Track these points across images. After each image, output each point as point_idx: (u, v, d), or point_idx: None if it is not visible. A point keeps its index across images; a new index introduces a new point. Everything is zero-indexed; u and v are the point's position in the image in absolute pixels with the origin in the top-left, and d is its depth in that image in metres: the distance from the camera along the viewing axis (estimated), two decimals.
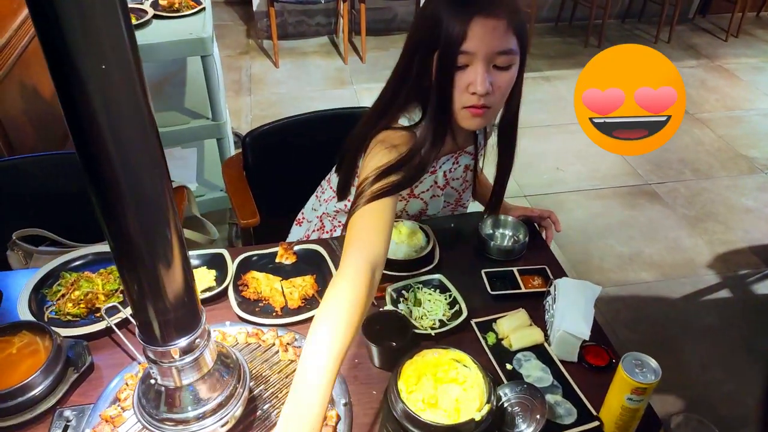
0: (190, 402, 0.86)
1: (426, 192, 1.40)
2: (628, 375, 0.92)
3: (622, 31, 5.41)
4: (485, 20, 1.04)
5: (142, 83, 0.63)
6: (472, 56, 1.07)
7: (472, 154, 1.41)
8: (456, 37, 1.04)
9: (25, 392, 0.98)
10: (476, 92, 1.09)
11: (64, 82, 0.58)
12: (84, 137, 0.62)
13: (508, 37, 1.06)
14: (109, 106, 0.60)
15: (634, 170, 3.41)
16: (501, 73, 1.10)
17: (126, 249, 0.73)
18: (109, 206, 0.68)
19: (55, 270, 1.27)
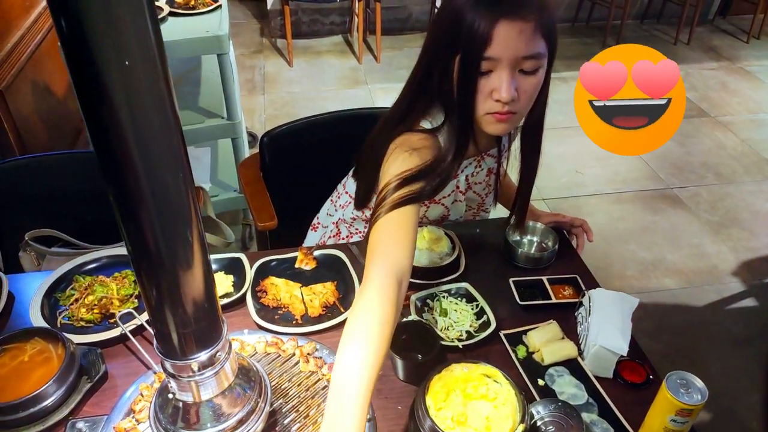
0: (209, 418, 0.81)
1: (447, 197, 1.34)
2: (672, 395, 0.87)
3: (641, 31, 5.33)
4: (512, 23, 0.96)
5: (167, 81, 0.58)
6: (497, 62, 0.99)
7: (495, 157, 1.33)
8: (479, 41, 0.96)
9: (37, 402, 0.95)
10: (501, 99, 1.02)
11: (85, 79, 0.53)
12: (104, 136, 0.58)
13: (535, 40, 0.98)
14: (132, 105, 0.56)
15: (656, 174, 3.33)
16: (527, 77, 1.02)
17: (145, 254, 0.68)
18: (128, 208, 0.64)
19: (68, 273, 1.23)
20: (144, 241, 0.66)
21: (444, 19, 1.04)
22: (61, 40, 0.52)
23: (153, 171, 0.62)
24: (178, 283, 0.71)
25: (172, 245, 0.68)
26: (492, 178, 1.39)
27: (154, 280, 0.71)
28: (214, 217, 1.72)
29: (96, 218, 1.59)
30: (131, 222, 0.65)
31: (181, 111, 2.04)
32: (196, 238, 0.70)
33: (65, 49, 0.52)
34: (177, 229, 0.68)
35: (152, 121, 0.59)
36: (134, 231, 0.66)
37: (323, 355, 1.09)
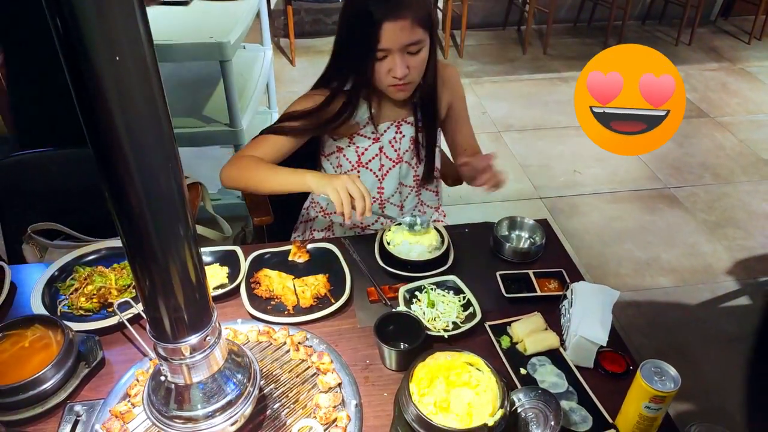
0: (200, 400, 0.85)
1: (373, 161, 1.52)
2: (646, 383, 0.90)
3: (642, 32, 5.35)
4: (393, 22, 1.26)
5: (157, 76, 0.62)
6: (388, 50, 1.30)
7: (413, 124, 1.52)
8: (372, 40, 1.28)
9: (36, 386, 0.98)
10: (396, 76, 1.32)
11: (78, 74, 0.57)
12: (97, 130, 0.62)
13: (414, 30, 1.28)
14: (123, 99, 0.60)
15: (654, 174, 3.36)
16: (414, 56, 1.33)
17: (138, 245, 0.72)
18: (121, 201, 0.67)
19: (68, 264, 1.27)
20: (136, 229, 0.70)
21: (346, 20, 1.36)
22: (55, 35, 0.55)
23: (144, 164, 0.65)
24: (169, 272, 0.75)
25: (162, 233, 0.72)
26: (420, 150, 1.56)
27: (147, 270, 0.74)
28: (212, 212, 1.76)
29: (96, 213, 1.62)
30: (123, 213, 0.69)
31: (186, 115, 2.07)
32: (186, 229, 0.74)
33: (60, 44, 0.56)
34: (168, 219, 0.72)
35: (143, 116, 0.63)
36: (126, 221, 0.70)
37: (313, 344, 1.13)
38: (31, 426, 0.97)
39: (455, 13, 4.67)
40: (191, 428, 0.85)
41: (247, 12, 2.48)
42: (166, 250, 0.73)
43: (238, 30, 2.27)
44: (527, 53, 4.89)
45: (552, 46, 4.94)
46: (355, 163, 1.53)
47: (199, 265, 0.78)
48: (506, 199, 3.11)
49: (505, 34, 5.33)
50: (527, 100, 4.18)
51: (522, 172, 3.36)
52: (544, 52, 4.90)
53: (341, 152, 1.53)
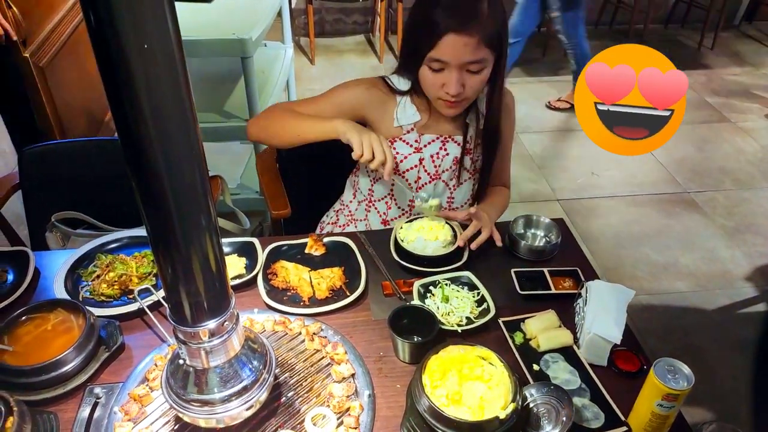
0: (217, 384, 0.87)
1: (411, 171, 1.46)
2: (659, 380, 0.90)
3: (665, 35, 5.30)
4: (458, 36, 1.19)
5: (183, 66, 0.64)
6: (446, 63, 1.24)
7: (460, 144, 1.46)
8: (429, 47, 1.22)
9: (58, 367, 1.01)
10: (449, 92, 1.27)
11: (108, 61, 0.59)
12: (126, 119, 0.64)
13: (479, 49, 1.21)
14: (151, 87, 0.62)
15: (672, 178, 3.33)
16: (473, 75, 1.26)
17: (162, 233, 0.74)
18: (147, 190, 0.70)
19: (91, 251, 1.30)
20: (161, 221, 0.73)
21: (412, 17, 1.30)
22: (87, 24, 0.57)
23: (169, 153, 0.68)
24: (190, 259, 0.77)
25: (185, 222, 0.74)
26: (463, 174, 1.50)
27: (170, 256, 0.77)
28: (231, 205, 1.79)
29: (119, 203, 1.66)
30: (149, 202, 0.71)
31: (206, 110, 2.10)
32: (208, 219, 0.76)
33: (91, 33, 0.58)
34: (191, 209, 0.74)
35: (169, 106, 0.65)
36: (152, 210, 0.72)
37: (328, 335, 1.14)
38: (52, 406, 1.00)
39: None
40: (208, 411, 0.86)
41: (269, 10, 2.51)
42: (189, 238, 0.75)
43: (260, 27, 2.30)
44: (547, 55, 4.87)
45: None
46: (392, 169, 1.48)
47: (219, 254, 0.80)
48: (523, 201, 3.11)
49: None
50: (546, 101, 4.16)
51: (539, 173, 3.35)
52: (564, 54, 4.86)
53: None
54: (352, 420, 0.98)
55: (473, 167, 1.51)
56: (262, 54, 3.07)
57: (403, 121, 1.42)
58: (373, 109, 1.42)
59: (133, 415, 0.97)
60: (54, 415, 0.97)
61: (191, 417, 0.87)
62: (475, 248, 1.32)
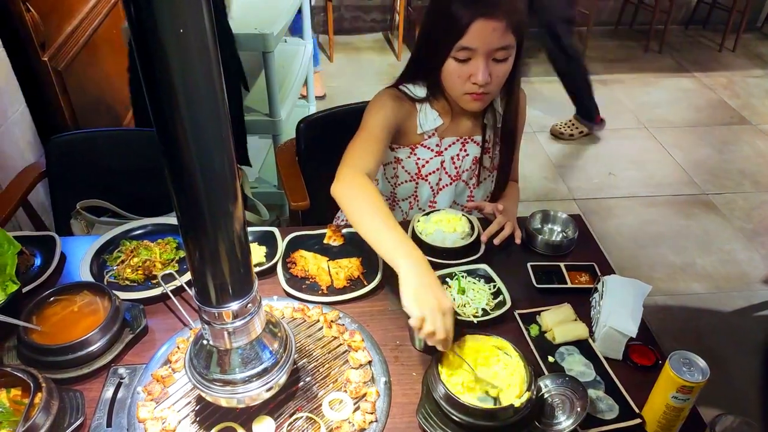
0: (238, 365, 0.89)
1: (433, 174, 1.47)
2: (675, 373, 0.90)
3: (685, 37, 5.25)
4: (487, 21, 1.18)
5: (216, 53, 0.66)
6: (474, 51, 1.22)
7: (479, 144, 1.47)
8: (457, 36, 1.20)
9: (84, 347, 1.04)
10: (477, 82, 1.25)
11: (145, 47, 0.61)
12: (160, 104, 0.66)
13: (506, 35, 1.20)
14: (185, 72, 0.64)
15: (691, 179, 3.30)
16: (499, 64, 1.25)
17: (192, 218, 0.77)
18: (179, 177, 0.72)
19: (116, 237, 1.33)
20: (191, 206, 0.75)
21: (432, 11, 1.28)
22: (126, 9, 0.60)
23: (201, 140, 0.70)
24: (217, 244, 0.79)
25: (215, 211, 0.76)
26: (482, 172, 1.52)
27: (198, 240, 0.79)
28: (251, 197, 1.81)
29: (142, 193, 1.71)
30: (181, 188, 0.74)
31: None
32: (236, 206, 0.78)
33: (129, 18, 0.60)
34: (220, 196, 0.76)
35: (202, 92, 0.67)
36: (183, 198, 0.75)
37: (345, 323, 1.16)
38: (78, 385, 1.03)
39: None
40: (229, 391, 0.89)
41: (290, 6, 2.54)
42: (217, 224, 0.78)
43: (281, 22, 2.33)
44: None
45: (592, 48, 4.89)
46: (415, 174, 1.49)
47: (244, 240, 0.82)
48: (539, 199, 3.11)
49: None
50: (564, 101, 4.13)
51: (556, 172, 3.34)
52: (583, 54, 4.85)
53: (399, 163, 1.48)
54: (369, 405, 0.99)
55: (491, 165, 1.52)
56: (282, 50, 3.09)
57: (426, 127, 1.42)
58: (403, 118, 1.40)
59: (155, 395, 1.00)
60: (80, 393, 1.00)
61: (213, 396, 0.90)
62: (498, 243, 1.33)
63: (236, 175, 0.77)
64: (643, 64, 4.70)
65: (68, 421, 0.95)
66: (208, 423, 0.96)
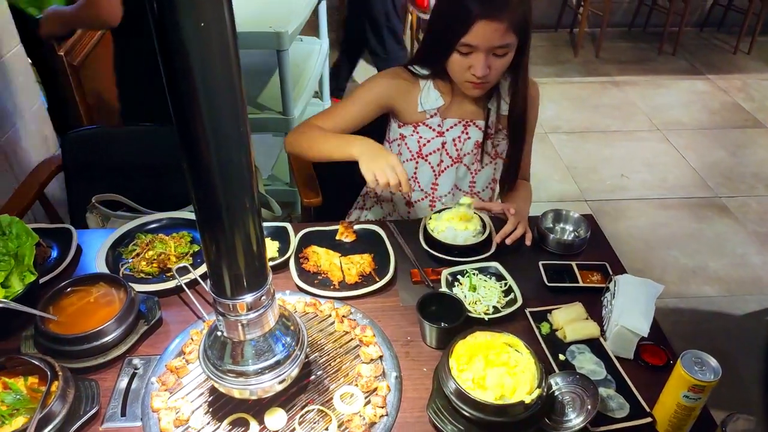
0: (252, 356, 0.90)
1: (433, 155, 1.52)
2: (686, 372, 0.90)
3: (700, 40, 5.22)
4: (488, 23, 1.25)
5: (235, 47, 0.67)
6: (475, 47, 1.30)
7: (482, 128, 1.51)
8: (460, 33, 1.28)
9: (99, 337, 1.05)
10: (476, 74, 1.33)
11: (166, 39, 0.62)
12: (180, 97, 0.67)
13: (507, 35, 1.28)
14: (205, 65, 0.65)
15: (704, 182, 3.28)
16: (498, 59, 1.32)
17: (210, 211, 0.78)
18: (198, 170, 0.74)
19: (131, 231, 1.35)
20: (209, 200, 0.77)
21: (440, 12, 1.36)
22: (147, 2, 0.61)
23: (219, 134, 0.71)
24: (234, 237, 0.80)
25: (232, 205, 0.78)
26: (484, 157, 1.56)
27: (214, 234, 0.80)
28: (264, 193, 1.83)
29: (156, 188, 1.72)
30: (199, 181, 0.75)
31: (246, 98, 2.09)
32: (251, 201, 0.79)
33: (150, 10, 0.61)
34: (237, 190, 0.77)
35: (221, 85, 0.68)
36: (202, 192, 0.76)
37: (357, 318, 1.17)
38: (93, 374, 1.05)
39: None
40: (242, 383, 0.90)
41: (305, 4, 2.55)
42: (234, 217, 0.79)
43: (296, 21, 2.34)
44: (579, 56, 4.84)
45: (605, 49, 4.87)
46: (416, 153, 1.54)
47: (259, 234, 0.83)
48: (550, 200, 3.10)
49: (557, 36, 5.28)
50: (577, 102, 4.13)
51: (567, 174, 3.33)
52: (596, 55, 4.84)
53: (403, 140, 1.54)
54: (380, 399, 1.00)
55: (494, 151, 1.55)
56: (298, 48, 3.12)
57: (427, 105, 1.47)
58: (398, 97, 1.48)
59: (169, 385, 1.01)
60: (95, 382, 1.02)
61: (226, 387, 0.91)
62: (510, 243, 1.34)
63: (253, 171, 0.78)
64: (656, 66, 4.68)
65: (84, 410, 0.97)
66: (221, 414, 0.97)
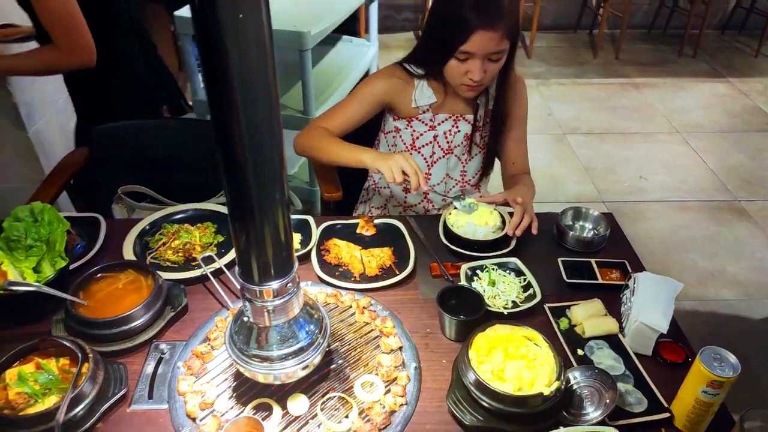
0: (276, 342, 0.92)
1: (426, 147, 1.60)
2: (705, 367, 0.91)
3: (721, 42, 5.17)
4: (486, 32, 1.32)
5: (270, 39, 0.69)
6: (472, 54, 1.36)
7: (470, 122, 1.58)
8: (459, 41, 1.34)
9: (128, 322, 1.08)
10: (473, 79, 1.39)
11: (205, 31, 0.65)
12: (218, 93, 0.70)
13: (502, 42, 1.35)
14: (242, 55, 0.67)
15: (724, 185, 3.26)
16: (493, 63, 1.40)
17: (241, 202, 0.80)
18: (232, 164, 0.76)
19: (158, 221, 1.38)
20: (241, 190, 0.79)
21: (437, 13, 1.42)
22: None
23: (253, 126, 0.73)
24: (263, 226, 0.82)
25: (263, 196, 0.80)
26: (473, 148, 1.63)
27: (245, 223, 0.82)
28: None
29: (178, 180, 1.76)
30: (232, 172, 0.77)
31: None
32: (281, 193, 0.81)
33: (191, 4, 0.63)
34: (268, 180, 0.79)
35: (256, 77, 0.70)
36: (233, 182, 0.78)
37: (377, 309, 1.19)
38: (121, 358, 1.07)
39: (526, 14, 4.65)
40: (266, 367, 0.92)
41: (342, 6, 2.54)
42: (264, 208, 0.81)
43: (325, 22, 2.34)
44: (598, 57, 4.82)
45: (625, 51, 4.85)
46: (409, 145, 1.61)
47: (287, 224, 0.85)
48: (568, 201, 3.09)
49: (577, 37, 5.27)
50: (595, 103, 4.12)
51: (585, 175, 3.33)
52: (616, 56, 4.82)
53: (398, 132, 1.61)
54: (399, 389, 1.02)
55: (482, 142, 1.63)
56: (345, 49, 3.16)
57: (421, 102, 1.54)
58: (395, 94, 1.55)
59: (195, 370, 1.04)
60: (123, 365, 1.05)
61: (251, 372, 0.93)
62: (520, 234, 1.35)
63: (284, 164, 0.80)
64: (676, 69, 4.65)
65: (112, 391, 1.00)
66: (245, 398, 0.99)
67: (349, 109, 1.54)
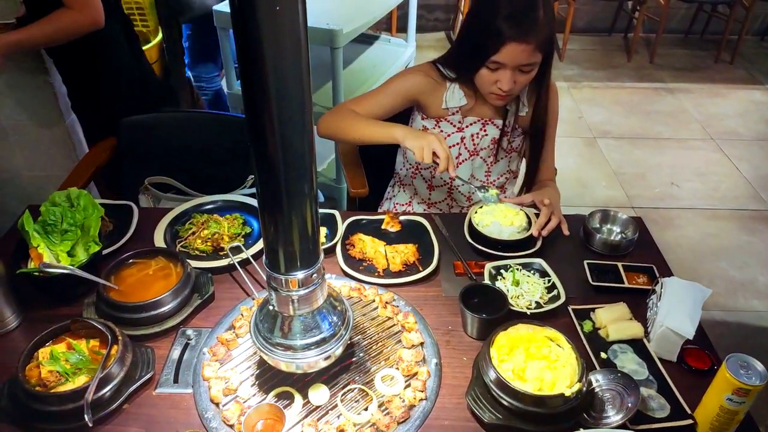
0: (300, 331, 0.94)
1: (453, 148, 1.59)
2: (731, 374, 0.90)
3: (760, 49, 5.04)
4: (517, 45, 1.32)
5: (305, 33, 0.70)
6: (503, 65, 1.37)
7: (499, 127, 1.58)
8: (490, 51, 1.35)
9: (156, 308, 1.11)
10: (502, 89, 1.40)
11: (242, 22, 0.66)
12: (252, 83, 0.71)
13: (534, 54, 1.35)
14: (277, 50, 0.68)
15: (757, 194, 3.18)
16: (524, 74, 1.40)
17: (271, 194, 0.82)
18: (264, 157, 0.78)
19: (187, 210, 1.41)
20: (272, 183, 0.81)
21: (471, 23, 1.43)
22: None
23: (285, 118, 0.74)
24: (291, 217, 0.84)
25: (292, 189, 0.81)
26: (500, 152, 1.63)
27: (274, 214, 0.84)
28: None
29: (203, 172, 1.79)
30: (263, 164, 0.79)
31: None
32: (310, 187, 0.83)
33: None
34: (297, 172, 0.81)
35: (290, 71, 0.71)
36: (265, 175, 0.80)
37: (400, 305, 1.20)
38: (149, 342, 1.10)
39: (560, 16, 4.61)
40: (289, 356, 0.94)
41: (377, 6, 2.55)
42: (292, 200, 0.83)
43: (359, 21, 2.35)
44: (632, 61, 4.74)
45: (660, 55, 4.76)
46: None
47: (315, 217, 0.87)
48: (596, 205, 3.05)
49: (611, 41, 5.19)
50: (628, 108, 4.06)
51: (615, 179, 3.28)
52: (650, 61, 4.74)
53: (426, 131, 1.58)
54: (420, 384, 1.02)
55: (509, 147, 1.63)
56: (383, 49, 3.17)
57: (451, 104, 1.54)
58: (426, 93, 1.55)
59: (220, 356, 1.06)
60: (151, 349, 1.07)
61: (275, 360, 0.95)
62: (546, 234, 1.34)
63: (314, 158, 0.82)
64: (712, 74, 4.55)
65: (139, 374, 1.02)
66: (267, 386, 1.01)
67: (380, 98, 1.56)
